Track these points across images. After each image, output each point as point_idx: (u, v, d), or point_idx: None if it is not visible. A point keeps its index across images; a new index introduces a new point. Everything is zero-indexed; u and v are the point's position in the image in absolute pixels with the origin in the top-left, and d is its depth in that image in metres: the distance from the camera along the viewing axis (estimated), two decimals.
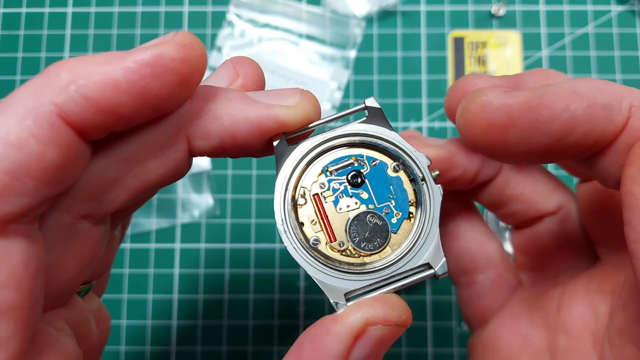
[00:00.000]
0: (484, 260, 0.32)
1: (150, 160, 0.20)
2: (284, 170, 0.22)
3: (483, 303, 0.32)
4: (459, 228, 0.32)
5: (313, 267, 0.21)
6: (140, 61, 0.18)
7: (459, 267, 0.33)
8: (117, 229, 0.25)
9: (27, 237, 0.18)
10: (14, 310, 0.17)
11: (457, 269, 0.33)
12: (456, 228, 0.32)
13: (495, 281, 0.31)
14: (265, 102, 0.21)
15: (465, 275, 0.32)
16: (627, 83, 0.49)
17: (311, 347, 0.19)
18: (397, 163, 0.22)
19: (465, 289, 0.33)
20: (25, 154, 0.17)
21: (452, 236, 0.32)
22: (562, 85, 0.20)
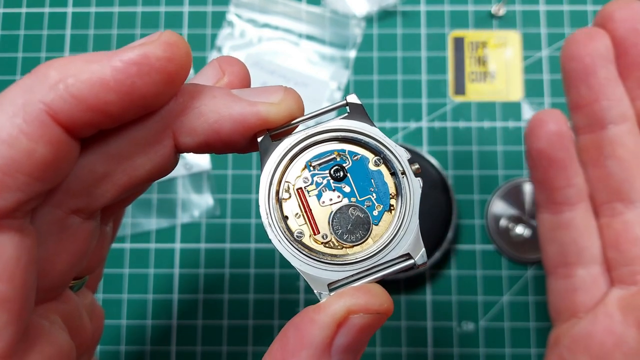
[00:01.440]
0: (589, 255, 0.32)
1: (138, 157, 0.21)
2: (268, 165, 0.23)
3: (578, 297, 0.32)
4: (574, 219, 0.33)
5: (297, 259, 0.21)
6: (127, 60, 0.19)
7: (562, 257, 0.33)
8: (108, 226, 0.25)
9: (19, 232, 0.18)
10: (6, 303, 0.18)
11: (559, 259, 0.33)
12: (571, 218, 0.33)
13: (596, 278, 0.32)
14: (249, 100, 0.21)
15: (566, 267, 0.33)
16: None
17: (296, 335, 0.20)
18: (378, 157, 0.23)
19: (561, 281, 0.33)
20: (16, 150, 0.18)
21: (564, 225, 0.33)
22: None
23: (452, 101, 0.50)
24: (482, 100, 0.50)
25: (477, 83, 0.50)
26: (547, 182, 0.34)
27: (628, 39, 0.31)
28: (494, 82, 0.50)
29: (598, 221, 0.33)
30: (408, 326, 0.46)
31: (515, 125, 0.49)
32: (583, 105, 0.32)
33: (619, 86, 0.32)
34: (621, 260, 0.31)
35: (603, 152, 0.32)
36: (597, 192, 0.33)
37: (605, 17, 0.32)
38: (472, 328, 0.46)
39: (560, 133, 0.33)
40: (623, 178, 0.31)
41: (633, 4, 0.31)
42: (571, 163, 0.33)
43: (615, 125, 0.32)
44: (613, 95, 0.32)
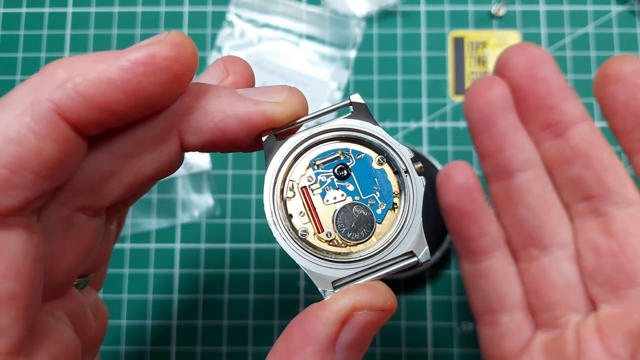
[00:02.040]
0: (511, 301, 0.33)
1: (144, 155, 0.21)
2: (272, 164, 0.23)
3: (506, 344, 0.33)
4: (492, 267, 0.33)
5: (302, 257, 0.22)
6: (134, 60, 0.19)
7: (486, 305, 0.34)
8: (113, 224, 0.26)
9: (26, 229, 0.19)
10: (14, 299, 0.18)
11: (483, 307, 0.34)
12: (489, 266, 0.33)
13: (519, 323, 0.33)
14: (254, 99, 0.22)
15: (491, 314, 0.34)
16: None
17: (300, 332, 0.20)
18: (382, 156, 0.23)
19: (488, 328, 0.34)
20: (24, 148, 0.18)
21: (484, 274, 0.34)
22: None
23: (452, 101, 0.50)
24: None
25: None
26: (461, 233, 0.34)
27: (525, 84, 0.31)
28: None
29: (518, 266, 0.33)
30: (408, 326, 0.46)
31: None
32: (488, 154, 0.33)
33: (521, 133, 0.32)
34: (542, 305, 0.32)
35: (513, 200, 0.33)
36: (513, 238, 0.33)
37: (502, 65, 0.32)
38: (472, 328, 0.46)
39: (467, 186, 0.34)
40: (534, 224, 0.32)
41: (527, 49, 0.32)
42: (481, 214, 0.34)
43: (521, 173, 0.32)
44: (515, 143, 0.32)
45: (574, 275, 0.31)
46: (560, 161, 0.31)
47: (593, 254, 0.31)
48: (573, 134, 0.31)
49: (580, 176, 0.31)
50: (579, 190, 0.31)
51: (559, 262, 0.32)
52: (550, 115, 0.31)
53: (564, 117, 0.31)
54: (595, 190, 0.30)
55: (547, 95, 0.31)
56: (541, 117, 0.32)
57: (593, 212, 0.31)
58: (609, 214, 0.30)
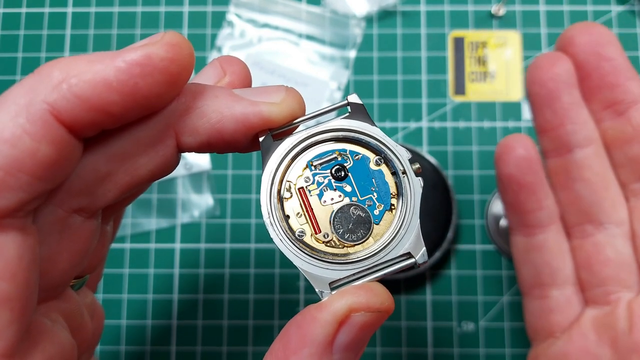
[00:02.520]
0: (562, 276, 0.33)
1: (140, 157, 0.21)
2: (269, 165, 0.22)
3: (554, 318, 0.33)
4: (546, 241, 0.34)
5: (299, 257, 0.21)
6: (130, 61, 0.19)
7: (535, 278, 0.34)
8: (109, 225, 0.25)
9: (21, 231, 0.18)
10: (9, 301, 0.18)
11: (533, 280, 0.34)
12: (543, 240, 0.34)
13: (569, 298, 0.33)
14: (251, 99, 0.22)
15: (540, 288, 0.34)
16: None
17: (298, 333, 0.20)
18: (379, 157, 0.23)
19: (536, 301, 0.34)
20: (19, 150, 0.18)
21: (537, 247, 0.34)
22: None
23: (452, 101, 0.50)
24: (482, 100, 0.50)
25: (477, 83, 0.50)
26: (518, 205, 0.34)
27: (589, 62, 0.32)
28: (494, 82, 0.50)
29: (570, 242, 0.34)
30: (408, 326, 0.46)
31: (515, 126, 0.49)
32: (549, 129, 0.33)
33: (583, 110, 0.32)
34: (593, 281, 0.32)
35: (571, 175, 0.33)
36: (568, 214, 0.33)
37: (566, 42, 0.32)
38: (472, 328, 0.46)
39: (528, 158, 0.34)
40: (591, 200, 0.32)
41: (593, 28, 0.32)
42: (540, 187, 0.34)
43: (581, 149, 0.32)
44: (577, 119, 0.32)
45: (629, 253, 0.31)
46: (620, 140, 0.32)
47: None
48: (634, 113, 0.31)
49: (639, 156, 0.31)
50: (636, 169, 0.31)
51: (614, 239, 0.32)
52: (612, 93, 0.31)
53: (627, 97, 0.31)
54: None
55: (611, 73, 0.31)
56: (604, 95, 0.32)
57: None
58: None
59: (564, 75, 0.32)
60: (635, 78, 0.31)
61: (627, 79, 0.31)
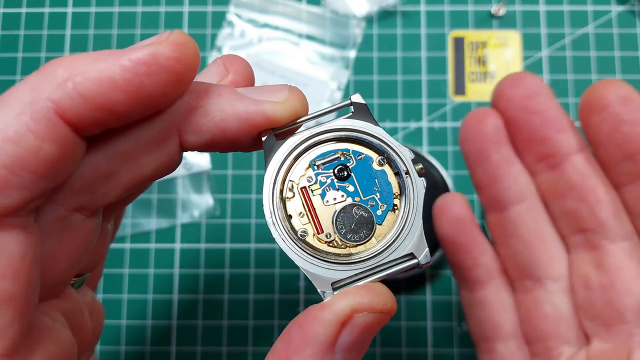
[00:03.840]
0: (505, 330, 0.33)
1: (143, 155, 0.21)
2: (272, 164, 0.22)
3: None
4: (487, 297, 0.34)
5: (301, 258, 0.21)
6: (136, 60, 0.18)
7: (481, 333, 0.34)
8: (109, 223, 0.25)
9: (23, 230, 0.18)
10: (11, 300, 0.18)
11: (479, 334, 0.35)
12: (484, 296, 0.34)
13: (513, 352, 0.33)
14: (254, 98, 0.22)
15: (486, 342, 0.34)
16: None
17: (300, 334, 0.20)
18: (382, 157, 0.23)
19: (485, 355, 0.35)
20: (23, 148, 0.17)
21: (479, 303, 0.34)
22: None
23: (452, 101, 0.50)
24: (482, 100, 0.50)
25: (477, 83, 0.50)
26: (456, 263, 0.35)
27: (519, 117, 0.31)
28: (494, 82, 0.50)
29: (515, 296, 0.34)
30: (408, 326, 0.46)
31: None
32: (483, 187, 0.33)
33: (514, 166, 0.32)
34: (535, 336, 0.32)
35: (507, 232, 0.33)
36: (509, 269, 0.34)
37: (497, 96, 0.32)
38: None
39: (460, 219, 0.34)
40: (528, 257, 0.32)
41: (523, 80, 0.31)
42: (475, 245, 0.34)
43: (514, 206, 0.32)
44: (508, 176, 0.32)
45: (567, 308, 0.31)
46: (555, 193, 0.31)
47: (585, 288, 0.31)
48: (567, 166, 0.31)
49: (574, 209, 0.31)
50: (574, 222, 0.31)
51: (552, 295, 0.32)
52: (544, 147, 0.31)
53: (559, 149, 0.31)
54: (589, 224, 0.30)
55: (541, 127, 0.31)
56: (536, 149, 0.31)
57: (587, 245, 0.31)
58: (602, 247, 0.30)
59: (491, 133, 0.32)
60: (568, 129, 0.31)
61: (557, 131, 0.31)
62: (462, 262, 0.34)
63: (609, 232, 0.30)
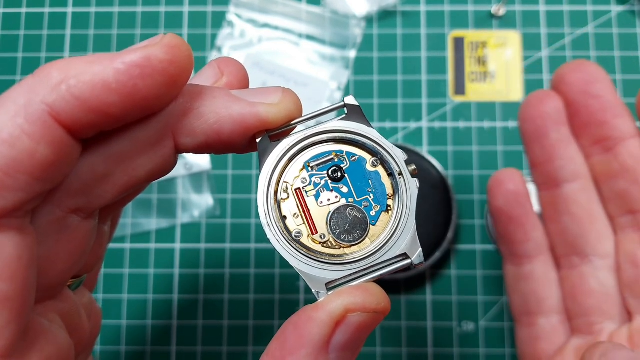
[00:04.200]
0: (548, 305, 0.34)
1: (138, 157, 0.21)
2: (266, 166, 0.23)
3: (540, 345, 0.34)
4: (534, 271, 0.35)
5: (295, 258, 0.22)
6: (130, 62, 0.19)
7: (524, 306, 0.35)
8: (106, 225, 0.26)
9: (19, 231, 0.18)
10: (7, 301, 0.18)
11: (522, 308, 0.36)
12: (531, 270, 0.35)
13: (555, 327, 0.34)
14: (248, 100, 0.22)
15: (528, 316, 0.35)
16: (627, 83, 0.49)
17: (294, 334, 0.20)
18: (376, 158, 0.23)
19: (525, 329, 0.35)
20: (18, 150, 0.18)
21: (525, 277, 0.35)
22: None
23: (452, 101, 0.50)
24: (482, 100, 0.50)
25: (477, 83, 0.50)
26: (507, 236, 0.36)
27: (579, 100, 0.33)
28: (494, 82, 0.50)
29: (559, 273, 0.35)
30: (408, 326, 0.46)
31: (515, 126, 0.49)
32: (539, 164, 0.34)
33: (571, 146, 0.34)
34: (578, 311, 0.33)
35: (559, 209, 0.34)
36: (557, 245, 0.35)
37: (558, 80, 0.34)
38: (472, 328, 0.46)
39: (516, 192, 0.35)
40: (577, 233, 0.33)
41: (584, 66, 0.33)
42: (528, 219, 0.35)
43: (568, 184, 0.33)
44: (565, 155, 0.33)
45: (612, 285, 0.32)
46: (607, 175, 0.33)
47: (631, 266, 0.32)
48: (621, 150, 0.32)
49: (625, 191, 0.32)
50: (623, 204, 0.32)
51: (598, 271, 0.33)
52: (601, 130, 0.32)
53: (614, 133, 0.32)
54: (639, 205, 0.31)
55: (599, 111, 0.32)
56: (592, 131, 0.33)
57: (636, 226, 0.32)
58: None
59: (552, 113, 0.33)
60: (624, 115, 0.32)
61: (614, 116, 0.32)
62: (514, 235, 0.35)
63: None
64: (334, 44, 0.51)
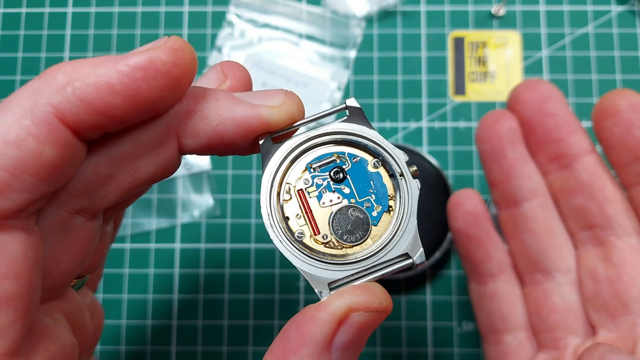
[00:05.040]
0: (514, 322, 0.35)
1: (142, 159, 0.22)
2: (269, 167, 0.23)
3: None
4: (497, 289, 0.35)
5: (298, 258, 0.22)
6: (134, 65, 0.19)
7: (490, 324, 0.36)
8: (109, 225, 0.26)
9: (25, 231, 0.19)
10: (13, 300, 0.18)
11: (488, 326, 0.36)
12: (494, 288, 0.35)
13: (522, 343, 0.34)
14: (251, 103, 0.22)
15: (495, 333, 0.35)
16: (627, 83, 0.49)
17: (297, 333, 0.20)
18: (377, 159, 0.23)
19: (492, 346, 0.36)
20: (24, 151, 0.18)
21: (489, 295, 0.36)
22: None
23: (452, 101, 0.50)
24: (482, 100, 0.50)
25: (477, 83, 0.50)
26: (469, 256, 0.36)
27: (534, 119, 0.33)
28: (494, 82, 0.50)
29: (523, 289, 0.35)
30: (408, 326, 0.46)
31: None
32: (497, 183, 0.35)
33: (528, 164, 0.34)
34: (543, 326, 0.33)
35: (519, 226, 0.34)
36: (520, 263, 0.35)
37: (513, 99, 0.34)
38: (472, 328, 0.46)
39: (474, 213, 0.36)
40: (538, 250, 0.34)
41: (537, 85, 0.33)
42: (488, 239, 0.36)
43: (527, 201, 0.34)
44: (522, 173, 0.34)
45: (575, 300, 0.33)
46: (565, 191, 0.33)
47: (592, 280, 0.32)
48: (578, 166, 0.32)
49: (583, 206, 0.32)
50: (582, 219, 0.33)
51: (561, 287, 0.33)
52: (556, 147, 0.33)
53: (570, 150, 0.32)
54: (597, 220, 0.32)
55: (554, 129, 0.33)
56: (548, 149, 0.33)
57: (595, 241, 0.32)
58: (609, 243, 0.32)
59: (507, 132, 0.34)
60: (578, 132, 0.33)
61: (569, 133, 0.33)
62: (475, 255, 0.36)
63: (616, 228, 0.31)
64: (334, 44, 0.51)
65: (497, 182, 0.35)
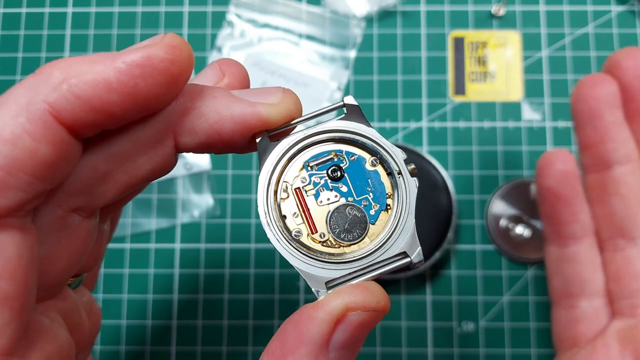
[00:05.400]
0: (592, 288, 0.34)
1: (139, 157, 0.21)
2: (266, 165, 0.23)
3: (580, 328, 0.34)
4: (578, 253, 0.35)
5: (295, 257, 0.22)
6: (130, 62, 0.19)
7: (565, 288, 0.35)
8: (106, 224, 0.26)
9: (21, 230, 0.19)
10: (8, 300, 0.18)
11: (563, 290, 0.35)
12: (575, 252, 0.35)
13: (597, 310, 0.34)
14: (249, 100, 0.22)
15: (569, 298, 0.35)
16: None
17: (294, 332, 0.20)
18: (375, 158, 0.23)
19: (564, 311, 0.35)
20: (19, 149, 0.18)
21: (569, 258, 0.35)
22: None
23: (452, 101, 0.50)
24: (482, 100, 0.50)
25: (477, 83, 0.50)
26: (554, 216, 0.36)
27: (634, 85, 0.33)
28: (494, 82, 0.50)
29: (602, 256, 0.35)
30: (408, 326, 0.46)
31: (515, 126, 0.49)
32: (590, 145, 0.34)
33: (624, 129, 0.33)
34: (622, 293, 0.33)
35: (607, 191, 0.34)
36: (602, 228, 0.34)
37: (613, 65, 0.34)
38: (472, 328, 0.46)
39: (566, 172, 0.35)
40: (625, 215, 0.33)
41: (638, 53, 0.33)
42: (577, 200, 0.35)
43: (619, 166, 0.33)
44: (618, 137, 0.33)
45: None
46: None
47: None
48: None
49: None
50: None
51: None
52: None
53: None
54: None
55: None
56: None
57: None
58: None
59: (607, 96, 0.33)
60: None
61: None
62: (561, 215, 0.35)
63: None
64: (334, 44, 0.51)
65: (590, 144, 0.34)
